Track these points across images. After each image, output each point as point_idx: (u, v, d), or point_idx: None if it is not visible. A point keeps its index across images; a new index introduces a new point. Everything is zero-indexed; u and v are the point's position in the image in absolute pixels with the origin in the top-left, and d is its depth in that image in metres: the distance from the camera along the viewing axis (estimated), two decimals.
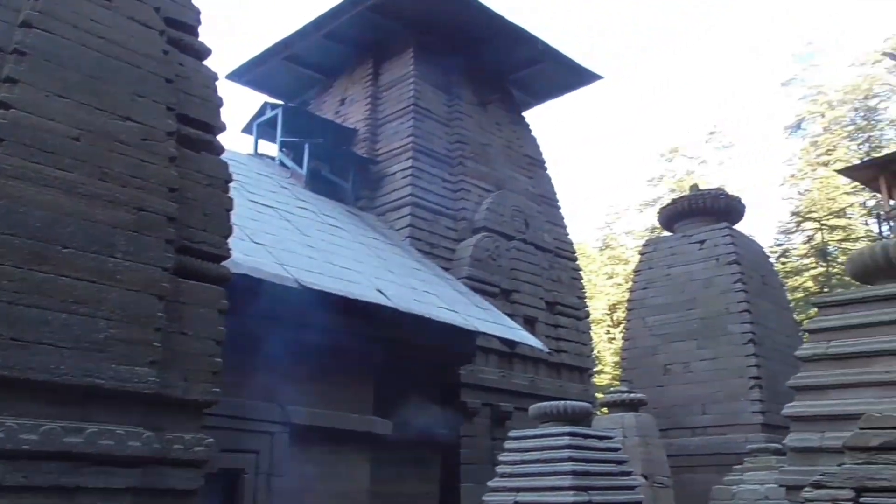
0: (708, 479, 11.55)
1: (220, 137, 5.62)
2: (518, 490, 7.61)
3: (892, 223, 7.71)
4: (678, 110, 75.43)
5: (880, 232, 31.25)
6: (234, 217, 5.57)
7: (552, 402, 8.25)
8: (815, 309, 7.52)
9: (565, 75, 16.28)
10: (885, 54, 26.38)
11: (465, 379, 10.99)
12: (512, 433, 8.29)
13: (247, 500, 7.16)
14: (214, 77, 5.70)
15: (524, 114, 16.48)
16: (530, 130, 16.18)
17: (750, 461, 10.90)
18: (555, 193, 15.41)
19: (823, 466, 5.94)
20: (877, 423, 5.56)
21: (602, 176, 75.85)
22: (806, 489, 5.60)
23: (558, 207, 15.20)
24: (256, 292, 7.01)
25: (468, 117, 14.13)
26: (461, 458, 10.66)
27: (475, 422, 11.14)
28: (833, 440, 6.20)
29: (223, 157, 5.58)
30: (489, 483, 7.98)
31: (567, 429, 7.77)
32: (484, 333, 9.82)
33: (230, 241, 5.42)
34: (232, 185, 5.61)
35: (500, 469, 7.96)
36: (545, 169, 15.64)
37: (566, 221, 15.08)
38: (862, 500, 5.20)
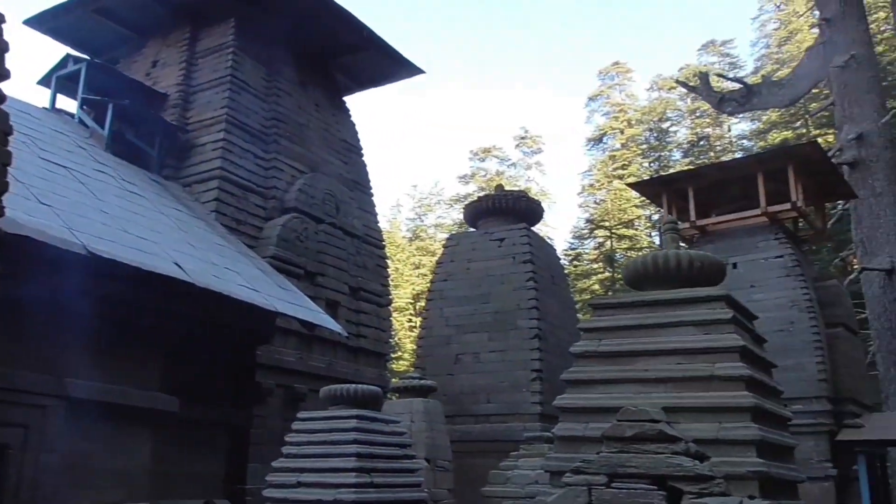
0: (488, 465, 12.22)
1: (5, 86, 5.20)
2: (302, 470, 7.70)
3: (664, 237, 8.58)
4: (493, 112, 78.60)
5: (661, 244, 34.43)
6: (19, 174, 5.21)
7: (342, 385, 8.41)
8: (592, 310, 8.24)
9: (388, 65, 16.45)
10: (678, 82, 29.06)
11: (261, 359, 10.89)
12: (300, 415, 8.36)
13: (12, 477, 6.69)
14: None
15: (345, 98, 16.49)
16: (349, 115, 16.21)
17: (525, 448, 11.69)
18: (368, 180, 15.57)
19: (585, 454, 6.52)
20: (632, 416, 6.20)
21: (417, 169, 77.38)
22: (567, 474, 6.14)
23: (371, 195, 15.38)
24: (39, 256, 6.55)
25: (287, 95, 13.92)
26: (251, 439, 10.56)
27: (269, 402, 11.07)
28: (595, 430, 6.71)
29: (6, 106, 5.17)
30: (273, 463, 8.00)
31: (355, 412, 7.96)
32: (283, 314, 9.77)
33: (9, 198, 5.04)
34: (17, 138, 5.21)
35: (285, 450, 8.01)
36: (361, 155, 15.75)
37: (377, 209, 15.31)
38: (613, 484, 5.79)
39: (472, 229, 17.96)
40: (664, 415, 6.41)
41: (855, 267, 19.11)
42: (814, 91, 25.34)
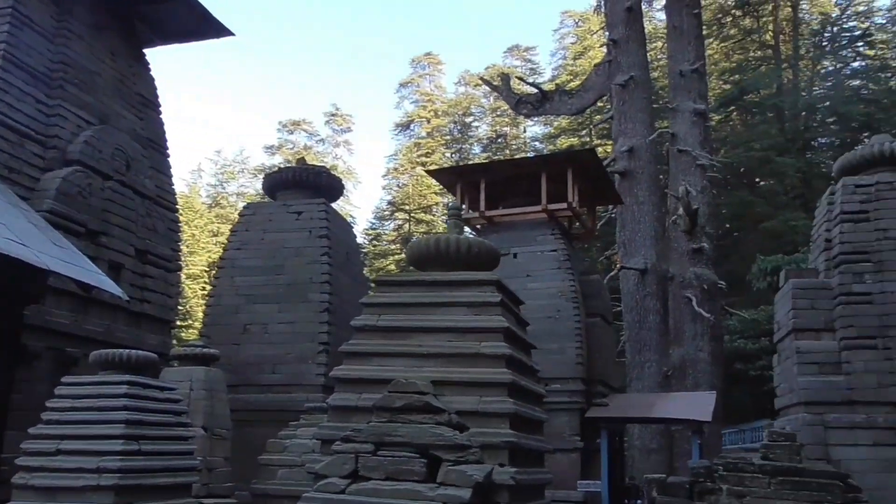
0: (269, 434, 12.37)
1: None
2: (63, 437, 7.37)
3: (449, 222, 9.23)
4: (306, 87, 77.30)
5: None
6: None
7: (114, 350, 8.14)
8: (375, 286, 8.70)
9: (195, 21, 15.75)
10: (482, 80, 30.44)
11: (29, 320, 10.22)
12: (65, 379, 8.00)
13: None
14: None
15: (146, 51, 15.64)
16: (148, 69, 15.36)
17: (305, 418, 11.99)
18: (165, 139, 14.91)
19: (356, 424, 6.91)
20: (402, 388, 6.66)
21: (222, 135, 74.22)
22: (337, 443, 6.49)
23: (167, 155, 14.76)
24: None
25: (79, 39, 12.98)
26: (13, 405, 9.91)
27: (36, 367, 10.43)
28: (367, 401, 7.17)
29: None
30: (31, 430, 7.61)
31: (126, 377, 7.75)
32: (55, 273, 9.24)
33: None
34: None
35: (45, 416, 7.63)
36: (158, 112, 15.02)
37: (174, 172, 14.73)
38: (379, 452, 6.21)
39: (270, 200, 17.83)
40: (432, 388, 6.93)
41: (617, 265, 21.31)
42: (598, 104, 27.69)
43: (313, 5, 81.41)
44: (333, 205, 17.46)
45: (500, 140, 44.03)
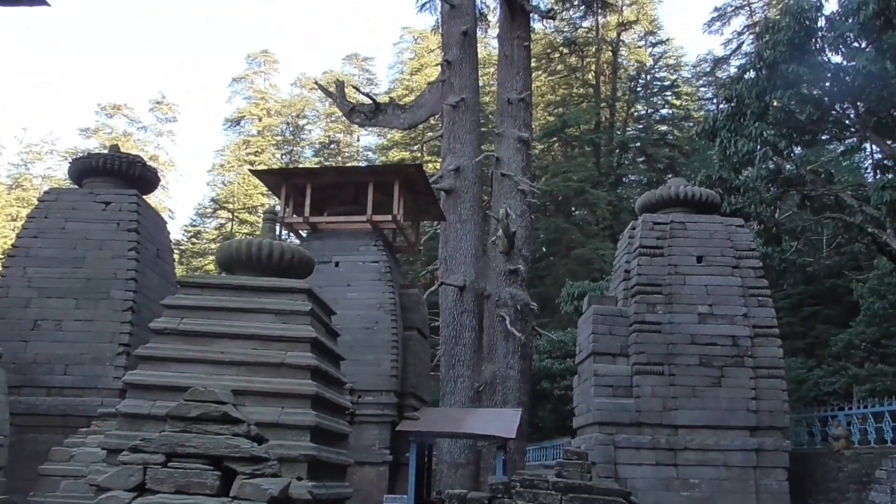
0: (55, 440, 11.37)
1: None
2: None
3: (263, 225, 8.95)
4: (132, 69, 72.72)
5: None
6: None
7: None
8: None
9: None
10: (317, 84, 30.09)
11: None
12: None
13: None
14: None
15: None
16: None
17: (97, 424, 11.12)
18: None
19: (147, 433, 6.50)
20: (199, 397, 6.36)
21: (32, 112, 68.05)
22: (124, 452, 6.07)
23: None
24: None
25: None
26: None
27: None
28: (161, 409, 6.76)
29: None
30: None
31: None
32: None
33: None
34: None
35: None
36: None
37: None
38: (170, 464, 5.86)
39: (76, 186, 16.50)
40: (232, 397, 6.67)
41: (437, 281, 21.72)
42: (431, 122, 28.25)
43: None
44: (149, 198, 16.46)
45: (332, 146, 43.73)
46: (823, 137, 17.16)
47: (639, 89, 37.12)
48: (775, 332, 12.71)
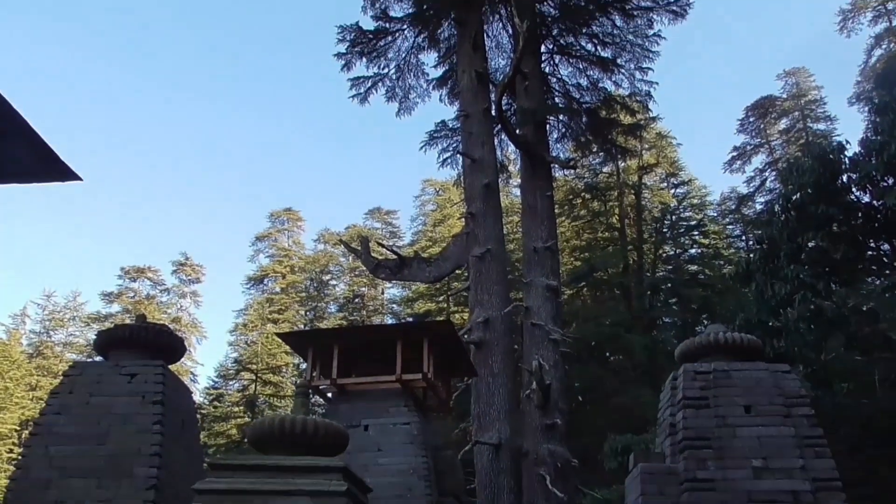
0: None
1: None
2: None
3: (296, 400, 8.62)
4: (155, 231, 75.06)
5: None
6: None
7: None
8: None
9: (39, 163, 14.82)
10: (341, 242, 30.55)
11: None
12: None
13: None
14: None
15: None
16: None
17: None
18: None
19: None
20: None
21: (55, 276, 69.78)
22: None
23: None
24: None
25: None
26: None
27: None
28: None
29: None
30: None
31: None
32: None
33: None
34: None
35: None
36: None
37: None
38: None
39: (101, 358, 16.27)
40: None
41: (471, 439, 20.85)
42: (457, 272, 28.31)
43: (168, 152, 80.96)
44: (177, 364, 16.17)
45: (357, 300, 43.83)
46: (863, 276, 16.78)
47: (665, 230, 37.29)
48: (838, 484, 11.74)
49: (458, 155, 25.76)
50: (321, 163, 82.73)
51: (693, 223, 37.47)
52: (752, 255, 20.02)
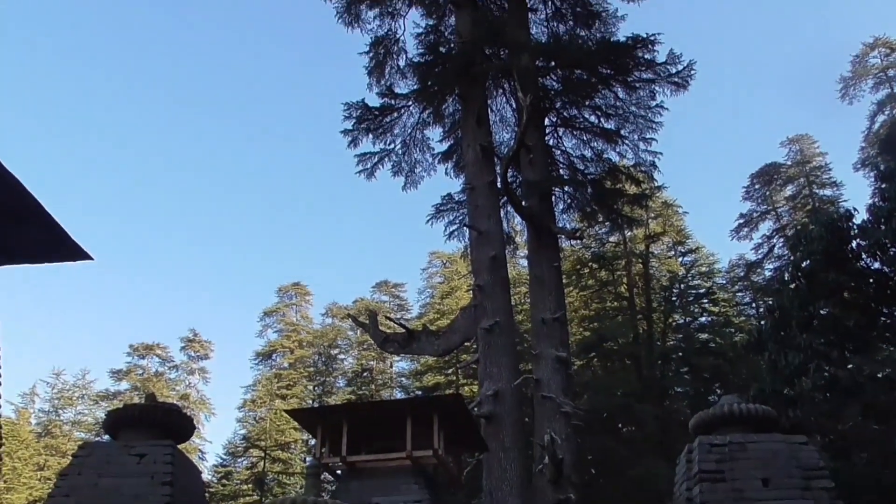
0: None
1: None
2: None
3: (308, 481, 8.47)
4: (164, 308, 75.15)
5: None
6: None
7: None
8: None
9: (51, 243, 15.02)
10: (349, 317, 30.54)
11: None
12: None
13: None
14: None
15: None
16: None
17: None
18: None
19: None
20: None
21: (63, 355, 69.60)
22: None
23: None
24: None
25: None
26: None
27: None
28: None
29: None
30: None
31: None
32: None
33: None
34: None
35: None
36: None
37: (1, 395, 13.14)
38: None
39: (110, 438, 16.10)
40: None
41: None
42: (465, 344, 28.12)
43: (176, 228, 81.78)
44: (186, 443, 15.98)
45: (365, 374, 43.45)
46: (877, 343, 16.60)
47: (674, 299, 37.15)
48: None
49: (465, 227, 25.92)
50: (328, 236, 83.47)
51: (702, 291, 37.35)
52: (763, 324, 19.89)
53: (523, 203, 24.76)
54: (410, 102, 25.88)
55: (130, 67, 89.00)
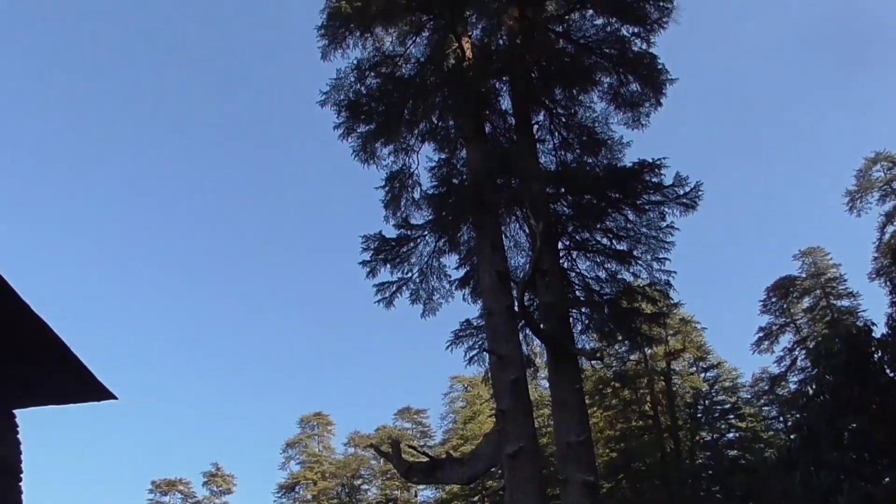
0: None
1: None
2: None
3: None
4: (184, 444, 74.28)
5: None
6: None
7: None
8: None
9: (78, 385, 15.29)
10: (372, 447, 30.16)
11: None
12: None
13: None
14: None
15: (16, 411, 14.77)
16: (17, 432, 14.42)
17: None
18: None
19: None
20: None
21: (85, 496, 68.29)
22: None
23: None
24: None
25: None
26: None
27: None
28: None
29: None
30: None
31: None
32: None
33: None
34: None
35: None
36: (19, 479, 13.77)
37: None
38: None
39: None
40: None
41: None
42: (492, 469, 27.49)
43: (194, 361, 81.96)
44: None
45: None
46: None
47: (699, 415, 36.46)
48: None
49: (485, 352, 25.94)
50: (349, 364, 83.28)
51: (727, 406, 36.69)
52: (792, 441, 19.53)
53: (541, 326, 24.82)
54: (426, 232, 26.49)
55: (180, 193, 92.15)
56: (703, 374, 39.80)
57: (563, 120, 22.84)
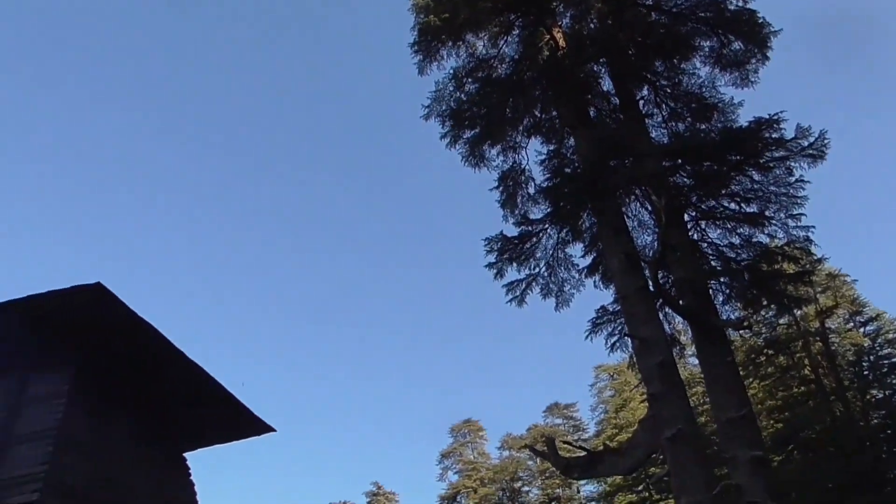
0: None
1: None
2: None
3: None
4: (344, 466, 76.85)
5: None
6: None
7: None
8: None
9: (240, 422, 16.26)
10: (527, 447, 30.17)
11: None
12: None
13: None
14: None
15: (186, 454, 15.87)
16: (188, 473, 15.50)
17: None
18: None
19: None
20: None
21: None
22: None
23: None
24: None
25: (118, 450, 13.26)
26: None
27: None
28: None
29: None
30: None
31: None
32: None
33: None
34: None
35: None
36: None
37: None
38: None
39: None
40: None
41: None
42: (652, 456, 26.85)
43: (340, 385, 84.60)
44: None
45: (553, 503, 42.14)
46: None
47: (866, 373, 34.17)
48: None
49: (626, 337, 25.43)
50: (488, 369, 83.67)
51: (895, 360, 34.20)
52: None
53: (680, 302, 24.11)
54: (547, 225, 26.35)
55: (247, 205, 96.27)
56: (862, 329, 37.27)
57: (669, 91, 22.13)
